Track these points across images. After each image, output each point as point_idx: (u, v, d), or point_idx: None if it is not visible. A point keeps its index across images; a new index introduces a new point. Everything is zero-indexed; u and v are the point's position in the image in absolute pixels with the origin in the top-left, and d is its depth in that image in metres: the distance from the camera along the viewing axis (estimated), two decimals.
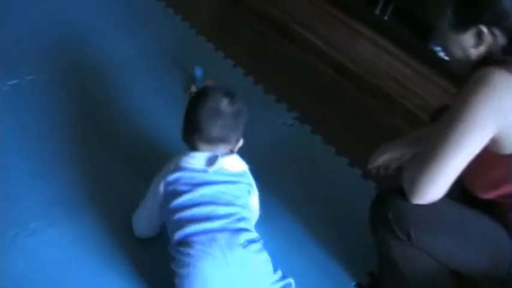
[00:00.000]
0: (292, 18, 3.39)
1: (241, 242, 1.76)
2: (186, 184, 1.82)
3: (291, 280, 1.89)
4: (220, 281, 1.72)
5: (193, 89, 2.73)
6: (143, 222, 2.00)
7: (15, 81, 2.62)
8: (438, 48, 3.08)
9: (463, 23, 1.54)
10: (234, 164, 1.88)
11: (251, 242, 1.78)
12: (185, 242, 1.74)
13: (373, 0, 3.37)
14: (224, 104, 1.84)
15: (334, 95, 2.90)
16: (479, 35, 1.52)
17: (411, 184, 1.57)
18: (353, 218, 2.23)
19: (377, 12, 3.36)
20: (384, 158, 1.95)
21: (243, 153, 1.93)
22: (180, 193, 1.82)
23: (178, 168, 1.84)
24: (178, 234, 1.76)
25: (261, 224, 1.99)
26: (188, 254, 1.72)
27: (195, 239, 1.74)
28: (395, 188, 1.64)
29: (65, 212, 2.07)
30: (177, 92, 2.71)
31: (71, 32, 3.01)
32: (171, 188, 1.84)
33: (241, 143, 1.93)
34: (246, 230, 1.80)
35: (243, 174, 1.91)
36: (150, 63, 2.87)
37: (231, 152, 1.91)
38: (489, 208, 1.67)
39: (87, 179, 2.21)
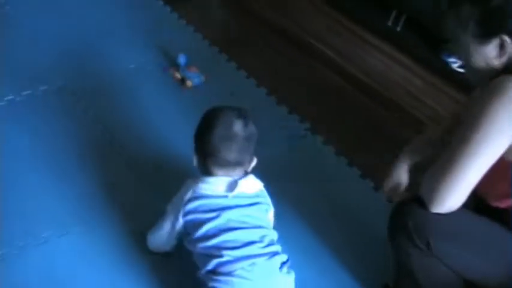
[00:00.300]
0: (304, 29, 3.40)
1: (278, 265, 1.77)
2: (206, 211, 1.79)
3: None
4: None
5: (177, 75, 2.84)
6: (159, 242, 1.97)
7: (28, 92, 2.65)
8: (450, 59, 3.10)
9: (486, 34, 1.54)
10: (251, 185, 1.85)
11: (283, 264, 1.80)
12: (225, 272, 1.72)
13: (385, 12, 3.38)
14: (239, 127, 1.79)
15: (345, 106, 2.90)
16: (502, 45, 1.52)
17: (430, 193, 1.57)
18: (366, 230, 2.22)
19: (389, 23, 3.37)
20: (391, 186, 1.95)
21: (255, 165, 1.92)
22: (203, 221, 1.78)
23: (196, 196, 1.81)
24: (216, 262, 1.73)
25: None
26: (227, 282, 1.70)
27: (236, 266, 1.72)
28: (415, 198, 1.64)
29: (77, 221, 2.08)
30: None
31: (83, 41, 3.05)
32: (190, 217, 1.81)
33: (254, 162, 1.88)
34: (278, 252, 1.81)
35: (260, 194, 1.89)
36: (163, 73, 2.88)
37: (246, 173, 1.87)
38: (501, 217, 1.66)
39: (100, 190, 2.22)
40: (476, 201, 1.70)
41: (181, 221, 1.83)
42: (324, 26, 3.48)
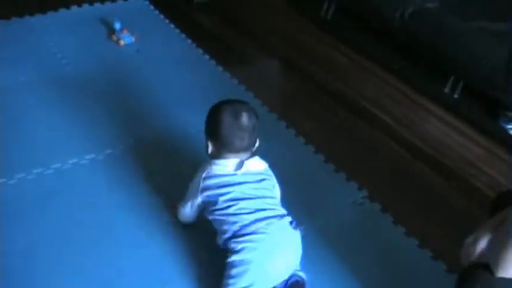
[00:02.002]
0: (362, 95, 3.45)
1: (288, 223, 2.14)
2: (220, 187, 2.15)
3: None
4: (280, 258, 2.07)
5: (114, 38, 3.69)
6: (185, 215, 2.35)
7: (92, 155, 2.77)
8: (508, 126, 3.11)
9: None
10: (257, 165, 2.22)
11: (292, 222, 2.16)
12: (244, 233, 2.07)
13: (442, 78, 3.42)
14: (246, 118, 2.16)
15: (403, 173, 2.92)
16: None
17: (496, 258, 1.62)
18: None
19: (446, 90, 3.41)
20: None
21: (313, 229, 1.98)
22: (220, 195, 2.14)
23: (210, 176, 2.17)
24: (234, 228, 2.09)
25: None
26: (252, 240, 2.05)
27: (253, 226, 2.07)
28: (481, 264, 1.69)
29: None
30: None
31: (145, 104, 3.15)
32: (207, 193, 2.17)
33: (257, 143, 2.23)
34: (285, 214, 2.17)
35: (265, 172, 2.25)
36: None
37: (252, 154, 2.22)
38: None
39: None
40: None
41: (199, 197, 2.20)
42: (380, 91, 3.53)
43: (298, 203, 2.59)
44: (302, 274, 2.16)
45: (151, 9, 4.17)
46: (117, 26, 3.72)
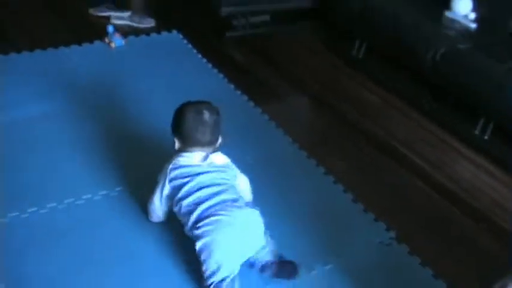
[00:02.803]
0: (392, 135, 3.46)
1: (242, 204, 2.39)
2: (185, 177, 2.39)
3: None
4: (238, 235, 2.28)
5: (106, 40, 4.07)
6: (154, 209, 2.53)
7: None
8: None
9: None
10: (220, 158, 2.47)
11: (247, 204, 2.44)
12: (203, 217, 2.30)
13: (473, 120, 3.42)
14: (206, 116, 2.42)
15: (432, 215, 2.91)
16: None
17: None
18: None
19: (477, 131, 3.40)
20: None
21: (340, 268, 1.97)
22: (185, 183, 2.38)
23: (176, 167, 2.41)
24: (195, 214, 2.32)
25: None
26: (210, 222, 2.27)
27: (210, 211, 2.30)
28: None
29: None
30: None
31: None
32: (174, 182, 2.40)
33: (220, 140, 2.50)
34: (241, 197, 2.44)
35: (228, 165, 2.50)
36: (251, 175, 2.96)
37: (216, 149, 2.48)
38: None
39: None
40: None
41: (167, 186, 2.42)
42: (411, 131, 3.53)
43: (326, 240, 2.62)
44: (270, 245, 2.39)
45: (185, 43, 4.23)
46: (110, 29, 4.10)
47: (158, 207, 2.51)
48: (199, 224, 2.29)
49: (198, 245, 2.27)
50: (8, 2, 4.59)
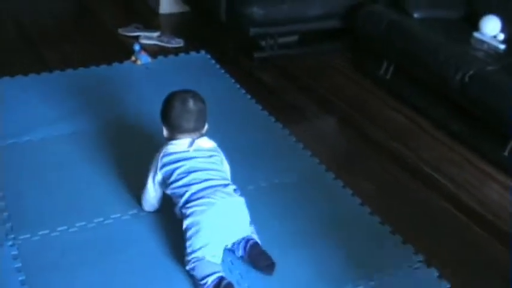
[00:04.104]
0: (420, 156, 3.45)
1: (232, 191, 2.54)
2: (175, 162, 2.54)
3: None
4: (226, 220, 2.44)
5: (133, 58, 4.14)
6: (147, 198, 2.68)
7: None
8: None
9: None
10: (206, 142, 2.63)
11: (236, 190, 2.61)
12: (193, 199, 2.45)
13: (501, 141, 3.39)
14: (191, 104, 2.57)
15: (461, 238, 2.89)
16: None
17: None
18: None
19: (505, 153, 3.38)
20: None
21: None
22: (174, 169, 2.53)
23: (166, 154, 2.57)
24: (186, 196, 2.47)
25: None
26: (200, 204, 2.42)
27: (201, 193, 2.45)
28: None
29: None
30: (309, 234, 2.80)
31: None
32: (165, 169, 2.56)
33: (206, 127, 2.66)
34: (230, 184, 2.58)
35: (214, 149, 2.66)
36: (278, 196, 2.99)
37: (202, 135, 2.63)
38: None
39: None
40: None
41: (159, 173, 2.58)
42: (439, 153, 3.52)
43: (354, 263, 2.61)
44: (255, 235, 2.54)
45: (212, 63, 4.28)
46: (137, 47, 4.21)
47: (152, 195, 2.67)
48: (189, 205, 2.45)
49: (186, 222, 2.43)
50: (40, 23, 4.68)
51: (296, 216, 2.86)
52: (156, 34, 4.55)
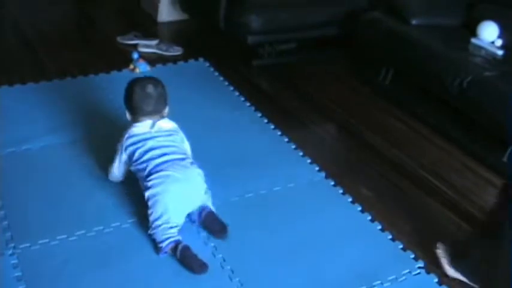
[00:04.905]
0: (419, 162, 3.46)
1: (188, 164, 2.76)
2: (139, 142, 2.77)
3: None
4: (183, 189, 2.66)
5: (131, 66, 4.17)
6: (114, 172, 2.93)
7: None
8: None
9: None
10: (167, 124, 2.85)
11: (193, 163, 2.79)
12: (153, 172, 2.68)
13: (500, 147, 3.40)
14: (150, 89, 2.79)
15: (461, 244, 2.89)
16: None
17: None
18: None
19: (504, 159, 3.38)
20: None
21: None
22: (137, 148, 2.76)
23: (130, 136, 2.79)
24: (147, 170, 2.71)
25: None
26: (159, 176, 2.66)
27: (159, 167, 2.69)
28: None
29: None
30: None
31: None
32: (129, 149, 2.79)
33: (167, 109, 2.87)
34: (187, 158, 2.80)
35: (174, 129, 2.87)
36: (277, 204, 3.00)
37: (163, 117, 2.84)
38: None
39: None
40: None
41: (124, 154, 2.82)
42: (438, 159, 3.52)
43: (355, 270, 2.62)
44: (209, 203, 2.76)
45: (211, 71, 4.28)
46: (135, 55, 4.26)
47: (116, 171, 2.92)
48: (150, 178, 2.67)
49: (147, 194, 2.66)
50: (40, 31, 4.69)
51: (296, 223, 2.86)
52: (154, 42, 4.55)
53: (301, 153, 3.41)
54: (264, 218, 2.87)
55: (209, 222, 2.71)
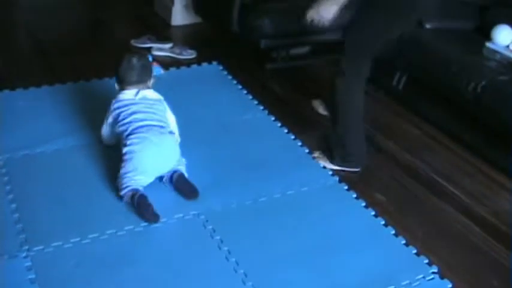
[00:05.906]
0: (433, 167, 3.45)
1: (167, 132, 3.04)
2: (124, 106, 3.07)
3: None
4: (157, 152, 2.93)
5: None
6: (105, 133, 3.23)
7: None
8: None
9: None
10: (151, 94, 3.15)
11: (171, 132, 3.09)
12: (133, 133, 2.96)
13: None
14: (135, 61, 3.11)
15: (474, 249, 2.88)
16: None
17: None
18: None
19: None
20: None
21: None
22: (121, 112, 3.06)
23: (117, 101, 3.11)
24: (128, 131, 2.99)
25: None
26: (137, 137, 2.95)
27: (139, 130, 2.97)
28: None
29: None
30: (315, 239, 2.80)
31: (216, 172, 3.19)
32: (115, 113, 3.09)
33: (152, 80, 3.21)
34: (167, 126, 3.09)
35: (159, 100, 3.16)
36: (290, 208, 3.00)
37: (148, 87, 3.16)
38: None
39: None
40: None
41: (110, 117, 3.12)
42: (452, 163, 3.51)
43: (368, 275, 2.61)
44: (182, 168, 3.02)
45: (225, 74, 4.28)
46: (149, 59, 4.04)
47: (106, 133, 3.22)
48: (129, 137, 2.96)
49: (124, 150, 2.95)
50: (53, 34, 4.71)
51: (309, 228, 2.86)
52: (168, 45, 4.56)
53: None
54: (277, 222, 2.87)
55: (180, 184, 2.96)
